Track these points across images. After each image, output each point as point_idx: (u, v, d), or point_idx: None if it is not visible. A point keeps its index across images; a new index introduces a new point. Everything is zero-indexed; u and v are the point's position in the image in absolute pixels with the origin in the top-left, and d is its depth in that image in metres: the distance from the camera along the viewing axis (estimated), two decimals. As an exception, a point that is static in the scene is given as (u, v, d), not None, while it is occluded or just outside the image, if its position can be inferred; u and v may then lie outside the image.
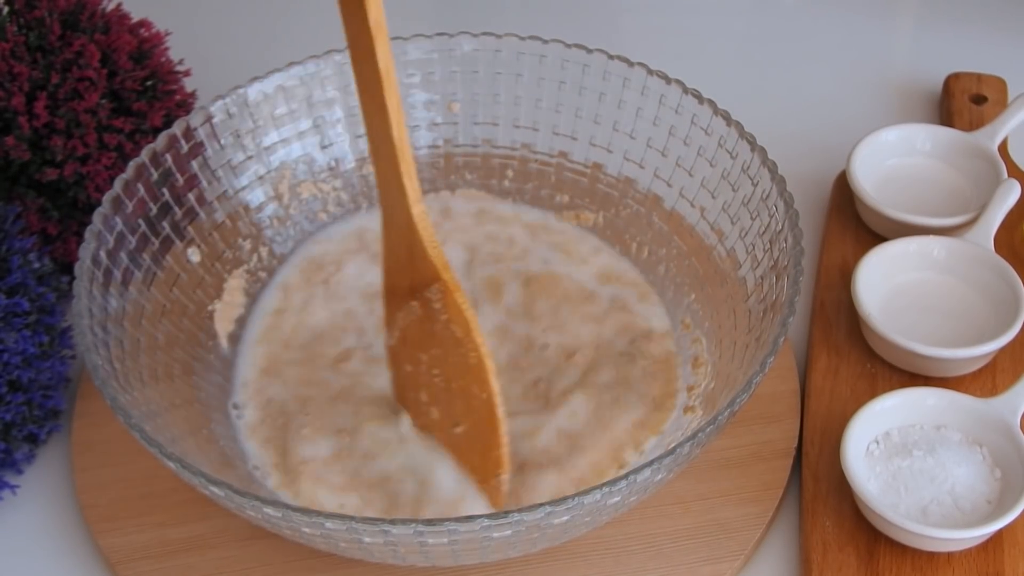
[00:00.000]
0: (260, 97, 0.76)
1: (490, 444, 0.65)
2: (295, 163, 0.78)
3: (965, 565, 0.65)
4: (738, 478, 0.69)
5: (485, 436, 0.65)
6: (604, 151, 0.78)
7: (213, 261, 0.75)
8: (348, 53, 0.60)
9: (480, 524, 0.56)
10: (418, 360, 0.67)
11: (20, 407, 0.70)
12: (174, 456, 0.59)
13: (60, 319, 0.74)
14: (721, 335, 0.71)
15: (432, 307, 0.65)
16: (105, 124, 0.77)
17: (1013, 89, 0.91)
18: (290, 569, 0.67)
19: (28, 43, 0.77)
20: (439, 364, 0.66)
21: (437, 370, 0.66)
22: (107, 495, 0.70)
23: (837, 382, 0.73)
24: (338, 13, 0.59)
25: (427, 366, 0.67)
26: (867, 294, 0.74)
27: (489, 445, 0.65)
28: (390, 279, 0.67)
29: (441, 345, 0.66)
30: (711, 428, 0.59)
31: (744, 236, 0.71)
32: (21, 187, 0.77)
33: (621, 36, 0.98)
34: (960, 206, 0.81)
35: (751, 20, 1.02)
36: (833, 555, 0.66)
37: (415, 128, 0.80)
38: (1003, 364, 0.74)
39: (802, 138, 0.89)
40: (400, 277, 0.66)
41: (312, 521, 0.57)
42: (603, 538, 0.67)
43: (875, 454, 0.68)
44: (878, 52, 0.98)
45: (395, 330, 0.67)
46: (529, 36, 0.78)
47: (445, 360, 0.66)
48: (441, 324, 0.65)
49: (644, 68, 0.76)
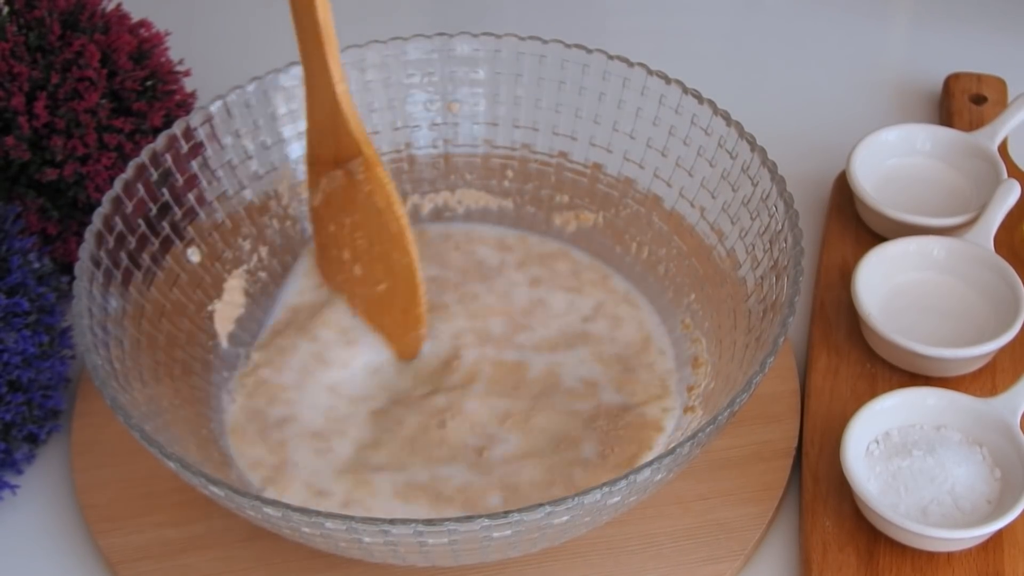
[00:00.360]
0: (260, 97, 0.76)
1: (411, 303, 0.72)
2: (295, 163, 0.78)
3: (965, 565, 0.65)
4: (738, 478, 0.69)
5: (406, 295, 0.72)
6: (604, 151, 0.78)
7: (213, 261, 0.75)
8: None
9: (480, 524, 0.56)
10: (342, 223, 0.73)
11: (20, 407, 0.70)
12: (174, 456, 0.59)
13: (60, 319, 0.74)
14: (721, 335, 0.71)
15: (355, 178, 0.71)
16: (105, 124, 0.77)
17: (1013, 89, 0.91)
18: (290, 569, 0.67)
19: (28, 43, 0.77)
20: (362, 228, 0.72)
21: (360, 233, 0.72)
22: (107, 495, 0.70)
23: (837, 382, 0.73)
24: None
25: (350, 229, 0.72)
26: (867, 294, 0.74)
27: (410, 304, 0.72)
28: (313, 149, 0.73)
29: (364, 212, 0.72)
30: (711, 428, 0.59)
31: (744, 236, 0.71)
32: (21, 187, 0.77)
33: (621, 36, 0.98)
34: (960, 206, 0.81)
35: (751, 20, 1.02)
36: (833, 555, 0.66)
37: (415, 128, 0.80)
38: (1003, 364, 0.74)
39: (802, 138, 0.89)
40: (324, 148, 0.72)
41: (312, 521, 0.57)
42: (603, 538, 0.67)
43: (875, 454, 0.68)
44: (878, 52, 0.98)
45: (318, 193, 0.73)
46: (529, 36, 0.78)
47: (368, 225, 0.72)
48: (364, 194, 0.71)
49: (644, 68, 0.76)
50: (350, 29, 0.80)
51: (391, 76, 0.79)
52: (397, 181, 0.80)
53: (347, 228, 0.73)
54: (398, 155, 0.80)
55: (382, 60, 0.78)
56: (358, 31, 0.80)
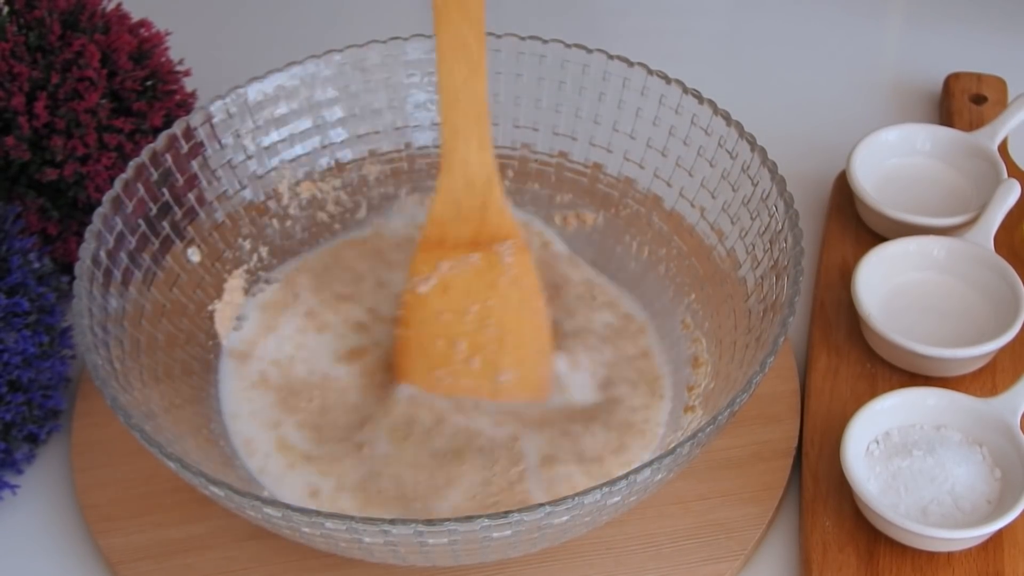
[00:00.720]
0: (260, 97, 0.76)
1: (539, 390, 0.69)
2: (295, 163, 0.78)
3: (965, 565, 0.65)
4: (738, 478, 0.69)
5: (533, 385, 0.69)
6: (604, 151, 0.78)
7: (213, 261, 0.75)
8: (437, 15, 0.63)
9: (480, 524, 0.56)
10: (464, 310, 0.68)
11: (20, 407, 0.70)
12: (174, 456, 0.59)
13: (60, 319, 0.74)
14: (721, 335, 0.71)
15: (501, 261, 0.67)
16: (105, 124, 0.77)
17: (1013, 89, 0.91)
18: (290, 569, 0.67)
19: (28, 43, 0.77)
20: (494, 315, 0.68)
21: (490, 321, 0.67)
22: (107, 495, 0.70)
23: (837, 382, 0.73)
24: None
25: (477, 316, 0.68)
26: (867, 294, 0.74)
27: (537, 389, 0.69)
28: (440, 230, 0.68)
29: (503, 298, 0.67)
30: (711, 428, 0.59)
31: (744, 236, 0.71)
32: (21, 187, 0.77)
33: (621, 36, 0.98)
34: (960, 206, 0.81)
35: (751, 20, 1.02)
36: (833, 555, 0.66)
37: (415, 128, 0.80)
38: (1003, 364, 0.74)
39: (802, 138, 0.89)
40: (460, 229, 0.68)
41: (312, 521, 0.57)
42: (603, 538, 0.67)
43: (875, 454, 0.68)
44: (878, 52, 0.98)
45: (431, 279, 0.68)
46: (529, 36, 0.78)
47: (503, 312, 0.68)
48: (508, 279, 0.68)
49: (644, 68, 0.76)
50: (350, 29, 0.80)
51: (391, 76, 0.79)
52: (397, 181, 0.80)
53: (472, 315, 0.68)
54: (398, 155, 0.80)
55: (382, 60, 0.78)
56: (358, 31, 0.80)
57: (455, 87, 0.65)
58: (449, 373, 0.69)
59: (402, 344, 0.70)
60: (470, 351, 0.69)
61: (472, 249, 0.68)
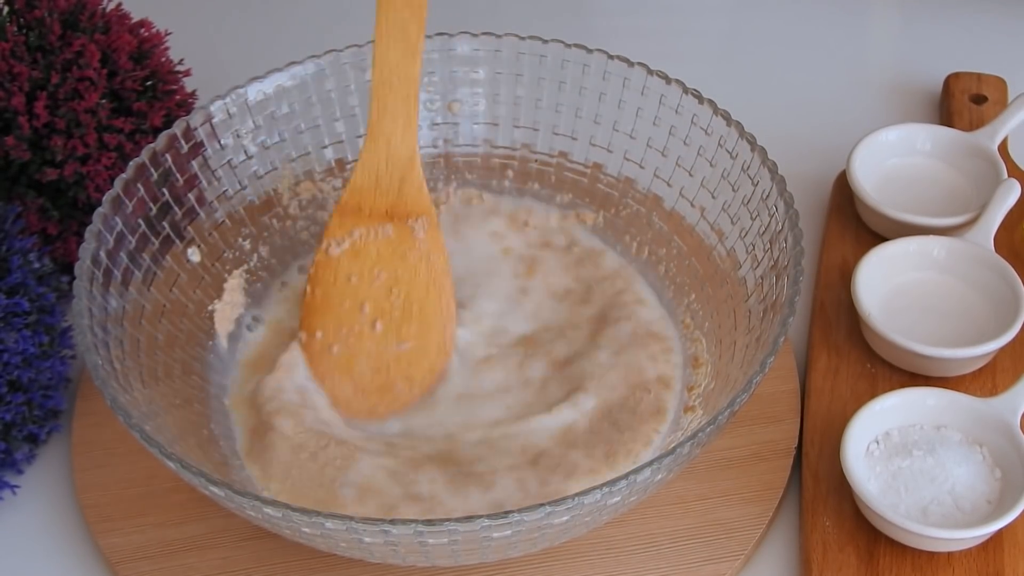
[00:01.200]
0: (260, 97, 0.76)
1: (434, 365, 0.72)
2: (295, 163, 0.78)
3: (965, 565, 0.65)
4: (738, 478, 0.69)
5: (430, 357, 0.71)
6: (604, 151, 0.78)
7: (213, 261, 0.75)
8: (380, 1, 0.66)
9: (480, 524, 0.56)
10: (372, 276, 0.71)
11: (20, 407, 0.70)
12: (174, 456, 0.59)
13: (60, 319, 0.74)
14: (721, 335, 0.71)
15: (413, 235, 0.71)
16: (105, 124, 0.77)
17: (1013, 89, 0.91)
18: (290, 569, 0.67)
19: (28, 43, 0.77)
20: (401, 286, 0.71)
21: (398, 290, 0.71)
22: (107, 495, 0.70)
23: (837, 382, 0.73)
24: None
25: (384, 284, 0.71)
26: (867, 294, 0.74)
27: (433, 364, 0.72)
28: (358, 198, 0.72)
29: (410, 271, 0.71)
30: (711, 428, 0.59)
31: (744, 236, 0.71)
32: (21, 187, 0.77)
33: (621, 36, 0.98)
34: (960, 206, 0.81)
35: (751, 20, 1.02)
36: (833, 555, 0.66)
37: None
38: (1003, 364, 0.74)
39: (802, 138, 0.89)
40: (377, 200, 0.71)
41: (312, 521, 0.57)
42: (603, 538, 0.67)
43: (875, 454, 0.68)
44: (878, 52, 0.98)
45: (343, 242, 0.71)
46: (529, 36, 0.78)
47: (412, 285, 0.71)
48: (419, 253, 0.71)
49: (644, 68, 0.76)
50: (350, 29, 0.80)
51: (391, 76, 0.79)
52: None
53: (380, 282, 0.71)
54: (398, 155, 0.80)
55: (382, 60, 0.78)
56: (358, 31, 0.80)
57: (389, 67, 0.69)
58: (352, 333, 0.72)
59: (309, 300, 0.72)
60: (373, 314, 0.71)
61: (386, 219, 0.71)
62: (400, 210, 0.71)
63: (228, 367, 0.73)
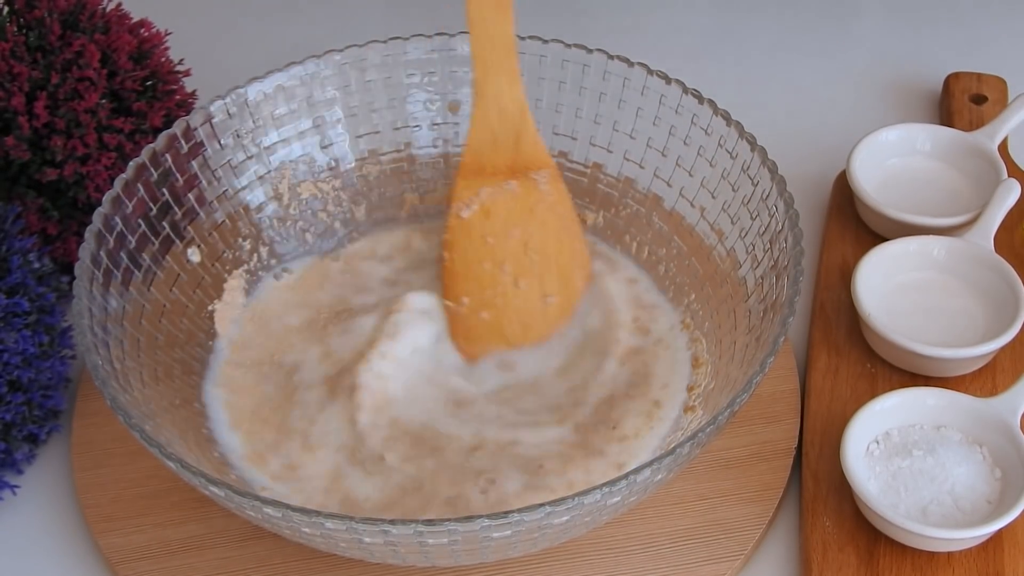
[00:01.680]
0: (260, 97, 0.76)
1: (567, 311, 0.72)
2: (295, 163, 0.78)
3: (965, 565, 0.65)
4: (738, 478, 0.69)
5: (569, 305, 0.72)
6: (604, 151, 0.78)
7: (213, 261, 0.75)
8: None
9: (480, 524, 0.56)
10: (507, 235, 0.71)
11: (20, 407, 0.70)
12: (174, 456, 0.59)
13: (60, 319, 0.74)
14: (721, 335, 0.71)
15: (538, 188, 0.71)
16: (105, 124, 0.77)
17: (1013, 89, 0.91)
18: (290, 569, 0.67)
19: (28, 43, 0.77)
20: (536, 239, 0.70)
21: (533, 245, 0.70)
22: (107, 495, 0.70)
23: (837, 382, 0.73)
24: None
25: (519, 240, 0.70)
26: (867, 294, 0.74)
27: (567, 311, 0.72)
28: (479, 159, 0.71)
29: (541, 224, 0.70)
30: (711, 428, 0.59)
31: (744, 236, 0.71)
32: (21, 187, 0.77)
33: (621, 36, 0.98)
34: (960, 206, 0.81)
35: (751, 20, 1.02)
36: (833, 555, 0.66)
37: (415, 128, 0.80)
38: (1003, 364, 0.74)
39: (802, 138, 0.89)
40: (497, 158, 0.71)
41: (312, 521, 0.57)
42: (603, 538, 0.67)
43: (875, 454, 0.68)
44: (878, 52, 0.98)
45: (472, 204, 0.71)
46: (529, 36, 0.78)
47: (545, 238, 0.71)
48: (546, 205, 0.71)
49: (644, 68, 0.76)
50: (350, 29, 0.80)
51: (391, 76, 0.79)
52: (397, 181, 0.80)
53: (514, 239, 0.71)
54: (398, 155, 0.80)
55: (382, 60, 0.78)
56: (358, 31, 0.80)
57: (484, 24, 0.69)
58: (498, 294, 0.71)
59: (449, 267, 0.72)
60: (516, 273, 0.71)
61: (509, 176, 0.71)
62: (520, 165, 0.71)
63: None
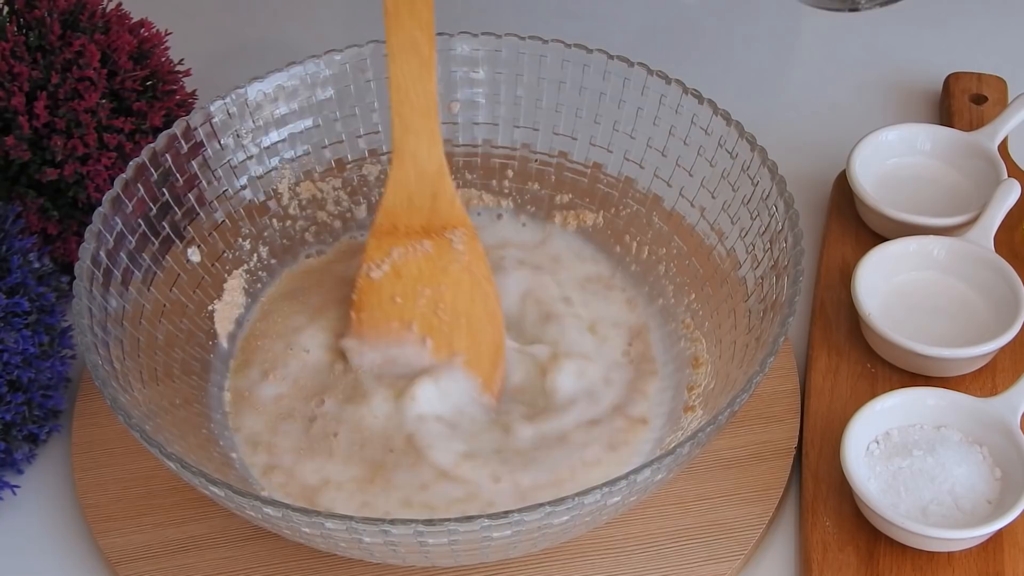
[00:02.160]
0: (260, 97, 0.76)
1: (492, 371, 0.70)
2: (295, 163, 0.78)
3: (965, 565, 0.65)
4: (738, 478, 0.69)
5: (489, 364, 0.70)
6: (604, 151, 0.78)
7: (213, 261, 0.75)
8: (388, 18, 0.66)
9: (480, 524, 0.56)
10: (417, 294, 0.70)
11: (20, 407, 0.70)
12: (174, 456, 0.59)
13: (60, 319, 0.74)
14: (721, 335, 0.71)
15: (452, 248, 0.70)
16: (105, 124, 0.77)
17: (1013, 89, 0.91)
18: (290, 569, 0.67)
19: (28, 43, 0.77)
20: (445, 300, 0.70)
21: (443, 305, 0.70)
22: (107, 495, 0.70)
23: (837, 382, 0.73)
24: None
25: (430, 299, 0.70)
26: (867, 294, 0.74)
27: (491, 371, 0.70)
28: (392, 219, 0.71)
29: (454, 284, 0.70)
30: (711, 428, 0.59)
31: (744, 236, 0.71)
32: (21, 187, 0.77)
33: (621, 36, 0.98)
34: (960, 206, 0.81)
35: (751, 20, 1.02)
36: (833, 555, 0.66)
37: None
38: (1003, 364, 0.74)
39: (802, 138, 0.89)
40: (412, 218, 0.70)
41: (312, 521, 0.57)
42: (603, 538, 0.67)
43: (875, 454, 0.68)
44: (878, 52, 0.98)
45: (383, 265, 0.71)
46: (529, 36, 0.78)
47: (456, 298, 0.70)
48: (460, 265, 0.70)
49: (644, 68, 0.76)
50: (350, 29, 0.80)
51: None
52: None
53: (425, 299, 0.70)
54: (398, 155, 0.80)
55: (382, 60, 0.78)
56: (358, 31, 0.80)
57: (405, 85, 0.68)
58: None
59: (356, 327, 0.72)
60: (422, 332, 0.71)
61: (424, 236, 0.71)
62: (436, 224, 0.71)
63: (228, 367, 0.73)
